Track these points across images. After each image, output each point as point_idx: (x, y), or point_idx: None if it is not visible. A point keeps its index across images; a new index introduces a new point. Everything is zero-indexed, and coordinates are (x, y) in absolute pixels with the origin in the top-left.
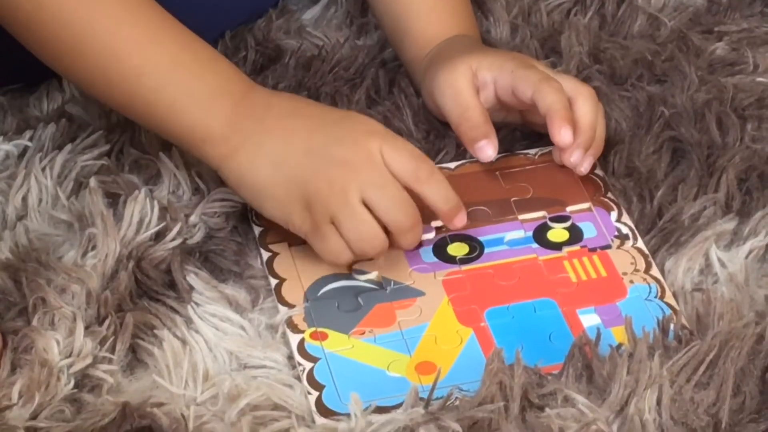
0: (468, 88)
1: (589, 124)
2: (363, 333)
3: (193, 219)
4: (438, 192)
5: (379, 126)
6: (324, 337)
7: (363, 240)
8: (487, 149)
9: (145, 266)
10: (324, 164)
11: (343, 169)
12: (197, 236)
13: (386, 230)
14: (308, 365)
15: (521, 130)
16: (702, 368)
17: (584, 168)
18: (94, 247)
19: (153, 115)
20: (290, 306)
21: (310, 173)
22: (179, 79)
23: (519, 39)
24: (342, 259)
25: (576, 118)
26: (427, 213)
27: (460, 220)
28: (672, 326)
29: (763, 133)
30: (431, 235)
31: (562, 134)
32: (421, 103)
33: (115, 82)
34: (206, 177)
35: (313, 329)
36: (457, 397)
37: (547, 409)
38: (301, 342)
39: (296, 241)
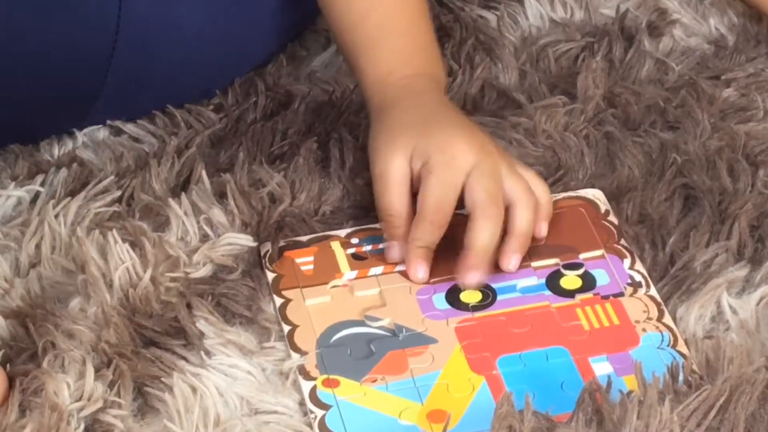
0: (401, 186)
1: (522, 230)
2: (375, 380)
3: (196, 257)
4: None
5: None
6: (336, 384)
7: None
8: (393, 252)
9: (155, 312)
10: None
11: None
12: (202, 271)
13: None
14: (320, 413)
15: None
16: (712, 413)
17: (513, 265)
18: (95, 293)
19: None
20: (302, 352)
21: None
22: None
23: (527, 84)
24: None
25: (512, 223)
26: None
27: None
28: (681, 371)
29: None
30: None
31: (467, 277)
32: None
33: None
34: (215, 223)
35: (325, 376)
36: None
37: None
38: (313, 389)
39: (309, 287)
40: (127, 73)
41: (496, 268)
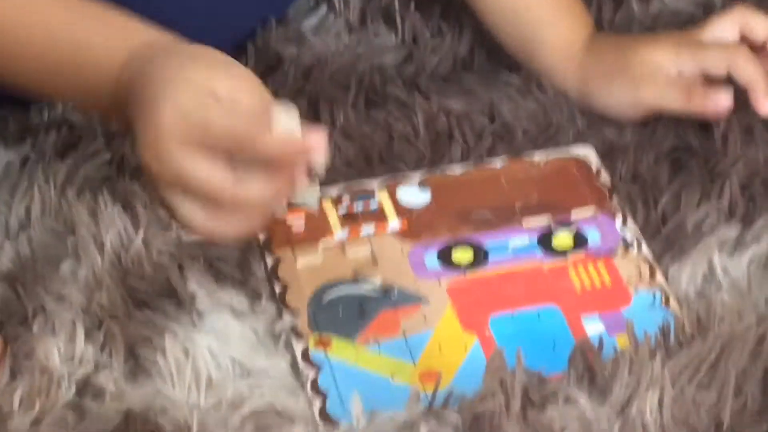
0: (676, 81)
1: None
2: (367, 340)
3: None
4: None
5: None
6: (328, 344)
7: None
8: (725, 101)
9: (147, 274)
10: None
11: None
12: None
13: None
14: (312, 373)
15: (527, 133)
16: (704, 369)
17: None
18: (86, 256)
19: None
20: (294, 312)
21: None
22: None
23: None
24: None
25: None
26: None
27: None
28: (673, 330)
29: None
30: None
31: (766, 107)
32: (435, 109)
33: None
34: None
35: (317, 336)
36: (456, 398)
37: (548, 408)
38: (305, 349)
39: (301, 246)
40: None
41: (488, 227)
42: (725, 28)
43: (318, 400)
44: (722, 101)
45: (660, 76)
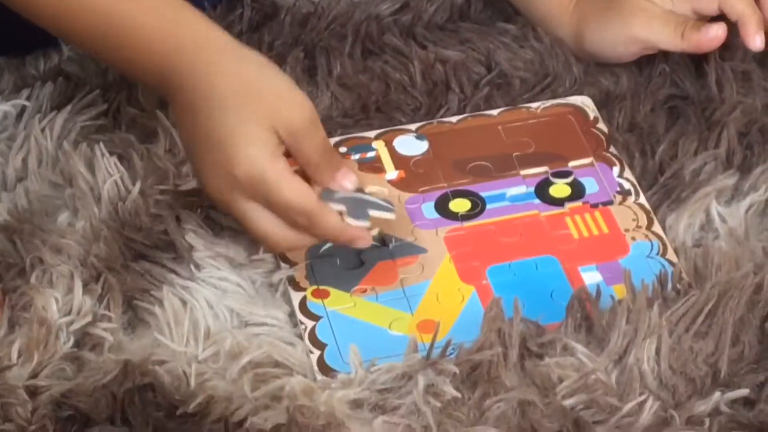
0: (669, 18)
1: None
2: (365, 291)
3: (185, 169)
4: None
5: None
6: (326, 295)
7: None
8: (718, 31)
9: (144, 225)
10: None
11: None
12: (191, 183)
13: None
14: (310, 324)
15: (524, 82)
16: (701, 318)
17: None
18: (83, 207)
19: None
20: (292, 263)
21: None
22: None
23: None
24: None
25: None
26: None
27: None
28: (670, 279)
29: (765, 84)
30: None
31: (756, 41)
32: (432, 58)
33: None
34: None
35: (314, 287)
36: (454, 348)
37: (546, 358)
38: (303, 300)
39: None
40: None
41: (485, 177)
42: None
43: (316, 350)
44: (715, 31)
45: (653, 13)
